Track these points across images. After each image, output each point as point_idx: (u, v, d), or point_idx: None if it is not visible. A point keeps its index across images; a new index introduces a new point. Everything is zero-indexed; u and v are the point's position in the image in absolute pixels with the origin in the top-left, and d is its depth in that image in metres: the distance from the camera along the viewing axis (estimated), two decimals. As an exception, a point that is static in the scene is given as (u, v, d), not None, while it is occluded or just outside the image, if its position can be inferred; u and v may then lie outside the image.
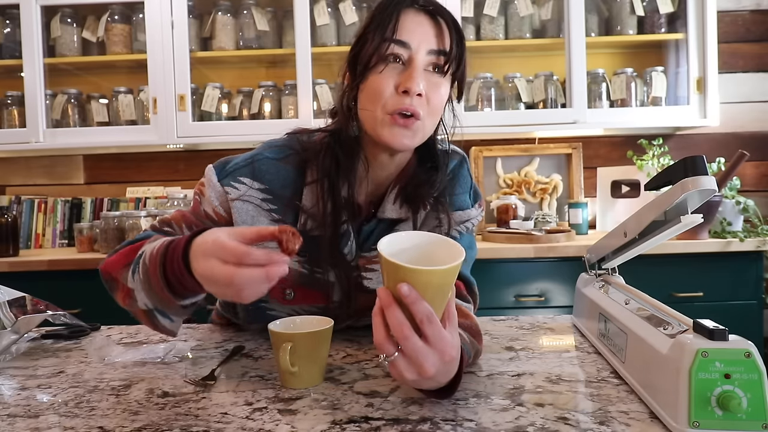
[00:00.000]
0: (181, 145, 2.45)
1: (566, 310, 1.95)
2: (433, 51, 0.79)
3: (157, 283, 0.71)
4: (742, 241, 1.91)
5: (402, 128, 0.78)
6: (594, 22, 2.31)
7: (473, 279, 0.93)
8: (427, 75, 0.79)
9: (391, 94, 0.78)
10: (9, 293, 0.96)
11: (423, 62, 0.78)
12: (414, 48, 0.78)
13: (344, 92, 0.86)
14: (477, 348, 0.76)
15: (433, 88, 0.79)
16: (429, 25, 0.79)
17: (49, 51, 2.36)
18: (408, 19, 0.79)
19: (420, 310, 0.54)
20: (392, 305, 0.55)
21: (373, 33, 0.79)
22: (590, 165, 2.50)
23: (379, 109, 0.79)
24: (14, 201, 2.50)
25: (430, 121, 0.82)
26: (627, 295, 0.81)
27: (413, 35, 0.78)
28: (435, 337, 0.55)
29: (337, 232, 0.84)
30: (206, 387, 0.73)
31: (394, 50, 0.78)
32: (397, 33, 0.78)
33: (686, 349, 0.56)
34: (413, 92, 0.77)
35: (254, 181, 0.85)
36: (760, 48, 2.48)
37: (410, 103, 0.77)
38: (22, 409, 0.68)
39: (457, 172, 0.93)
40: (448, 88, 0.83)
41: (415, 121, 0.78)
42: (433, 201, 0.88)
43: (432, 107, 0.80)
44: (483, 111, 2.31)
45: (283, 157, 0.88)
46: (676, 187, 0.65)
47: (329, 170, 0.84)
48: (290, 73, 2.31)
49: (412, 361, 0.56)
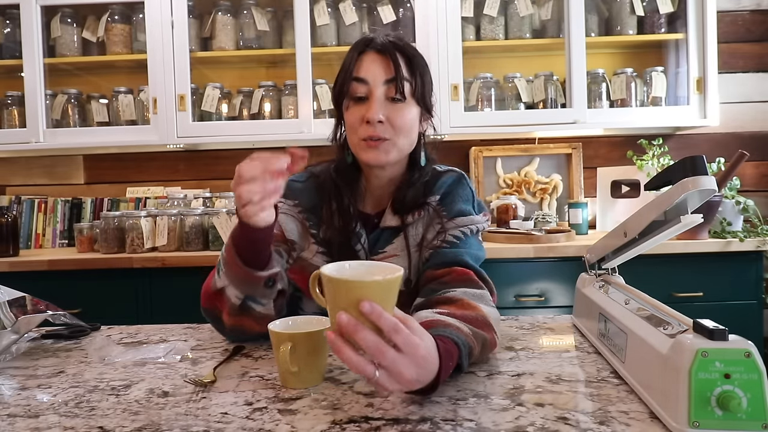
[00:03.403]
0: (181, 145, 2.45)
1: (566, 310, 1.95)
2: (387, 81, 0.94)
3: (235, 263, 0.83)
4: (742, 241, 1.91)
5: (373, 149, 0.94)
6: (594, 22, 2.31)
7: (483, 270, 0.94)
8: (387, 103, 0.94)
9: (359, 124, 0.95)
10: (9, 293, 0.96)
11: (381, 93, 0.94)
12: (371, 83, 0.94)
13: (334, 128, 1.04)
14: (483, 337, 0.76)
15: (395, 113, 0.94)
16: (382, 61, 0.94)
17: (49, 51, 2.36)
18: (365, 60, 0.95)
19: (386, 323, 0.56)
20: (360, 328, 0.56)
21: (341, 75, 0.97)
22: (590, 165, 2.50)
23: (355, 138, 0.96)
24: (14, 201, 2.50)
25: (401, 140, 0.96)
26: (627, 295, 0.81)
27: (369, 72, 0.94)
28: (406, 344, 0.57)
29: (349, 236, 1.00)
30: (206, 387, 0.73)
31: (356, 87, 0.95)
32: (356, 72, 0.95)
33: (686, 349, 0.56)
34: (374, 120, 0.92)
35: (287, 199, 1.04)
36: (760, 48, 2.48)
37: (374, 130, 0.93)
38: (22, 409, 0.68)
39: (456, 186, 1.03)
40: (414, 109, 0.97)
41: (383, 142, 0.94)
42: (432, 210, 1.00)
43: (398, 128, 0.94)
44: (483, 111, 2.31)
45: (304, 180, 1.07)
46: (676, 187, 0.65)
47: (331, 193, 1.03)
48: (290, 73, 2.31)
49: (392, 374, 0.57)
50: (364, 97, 0.94)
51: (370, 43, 0.97)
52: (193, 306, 1.88)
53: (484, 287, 0.90)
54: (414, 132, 0.98)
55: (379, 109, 0.93)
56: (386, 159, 0.95)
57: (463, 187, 1.03)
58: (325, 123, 2.25)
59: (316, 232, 1.03)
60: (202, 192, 2.44)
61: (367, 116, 0.92)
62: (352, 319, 0.56)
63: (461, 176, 1.05)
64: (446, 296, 0.85)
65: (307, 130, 2.24)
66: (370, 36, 0.98)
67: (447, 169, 1.06)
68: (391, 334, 0.56)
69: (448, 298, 0.84)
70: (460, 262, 0.92)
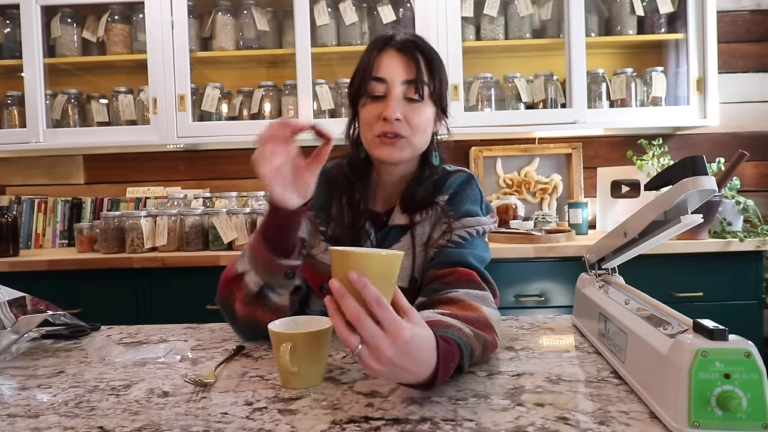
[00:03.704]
0: (181, 145, 2.45)
1: (566, 310, 1.95)
2: (407, 81, 0.94)
3: (260, 248, 0.85)
4: (742, 241, 1.91)
5: (388, 145, 0.95)
6: (594, 22, 2.31)
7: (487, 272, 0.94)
8: (405, 102, 0.95)
9: (376, 121, 0.95)
10: (9, 293, 0.96)
11: (399, 92, 0.94)
12: (390, 82, 0.94)
13: (348, 124, 1.04)
14: (485, 339, 0.76)
15: (412, 112, 0.94)
16: (402, 61, 0.95)
17: (49, 51, 2.36)
18: (384, 59, 0.95)
19: (369, 294, 0.57)
20: (345, 295, 0.58)
21: (360, 73, 0.97)
22: (590, 165, 2.50)
23: (370, 134, 0.97)
24: (14, 201, 2.50)
25: (417, 138, 0.96)
26: (627, 295, 0.81)
27: (388, 71, 0.94)
28: (386, 320, 0.58)
29: (358, 234, 1.01)
30: (206, 387, 0.73)
31: (375, 86, 0.95)
32: (375, 71, 0.95)
33: (686, 349, 0.56)
34: (391, 119, 0.93)
35: None
36: (760, 48, 2.48)
37: (391, 126, 0.93)
38: (22, 409, 0.68)
39: (465, 186, 1.03)
40: (430, 109, 0.97)
41: (399, 139, 0.94)
42: (439, 209, 1.00)
43: (414, 127, 0.95)
44: (483, 111, 2.31)
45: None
46: (676, 187, 0.65)
47: (342, 189, 1.04)
48: (290, 73, 2.31)
49: (370, 348, 0.58)
50: (382, 96, 0.95)
51: (390, 41, 0.96)
52: (193, 306, 1.90)
53: (486, 288, 0.90)
54: (429, 131, 0.99)
55: (397, 108, 0.93)
56: (400, 156, 0.96)
57: (472, 188, 1.03)
58: (325, 123, 2.24)
59: (325, 230, 1.03)
60: (202, 192, 2.44)
61: (385, 114, 0.92)
62: (342, 287, 0.58)
63: (470, 177, 1.06)
64: (448, 296, 0.85)
65: (307, 130, 2.24)
66: (390, 33, 0.98)
67: (457, 169, 1.06)
68: (373, 306, 0.57)
69: (450, 299, 0.84)
70: (463, 262, 0.92)
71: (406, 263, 0.99)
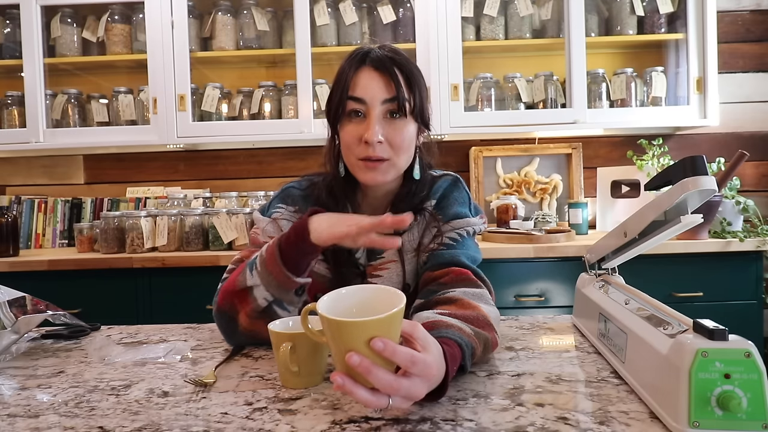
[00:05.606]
0: (181, 145, 2.45)
1: (566, 310, 1.95)
2: (386, 100, 0.91)
3: (275, 265, 0.82)
4: (742, 241, 1.91)
5: (372, 170, 0.92)
6: (594, 22, 2.31)
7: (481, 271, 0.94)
8: (386, 122, 0.91)
9: (357, 144, 0.92)
10: (9, 293, 0.96)
11: (379, 112, 0.91)
12: (369, 102, 0.91)
13: (328, 144, 1.01)
14: (485, 337, 0.76)
15: (393, 132, 0.91)
16: (380, 79, 0.91)
17: (49, 51, 2.36)
18: (362, 78, 0.92)
19: (402, 358, 0.56)
20: (373, 369, 0.55)
21: (337, 93, 0.93)
22: (590, 165, 2.50)
23: (352, 157, 0.93)
24: (14, 201, 2.50)
25: (400, 158, 0.94)
26: (627, 295, 0.81)
27: (367, 91, 0.91)
28: (421, 371, 0.57)
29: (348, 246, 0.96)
30: (206, 387, 0.73)
31: (353, 106, 0.91)
32: (352, 91, 0.91)
33: (686, 349, 0.56)
34: (372, 142, 0.89)
35: (287, 205, 1.03)
36: (760, 48, 2.48)
37: (373, 151, 0.90)
38: (22, 409, 0.68)
39: (452, 190, 1.03)
40: (411, 126, 0.94)
41: (382, 163, 0.92)
42: (428, 215, 1.00)
43: (396, 147, 0.92)
44: (483, 111, 2.31)
45: (305, 187, 1.06)
46: (676, 187, 0.65)
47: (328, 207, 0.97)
48: (290, 73, 2.31)
49: (406, 399, 0.58)
50: (360, 116, 0.92)
51: (366, 57, 0.93)
52: (193, 306, 1.90)
53: (482, 286, 0.90)
54: (412, 148, 0.96)
55: (378, 129, 0.90)
56: (384, 179, 0.94)
57: (459, 191, 1.03)
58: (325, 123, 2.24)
59: None
60: (202, 192, 2.44)
61: (366, 137, 0.89)
62: (365, 360, 0.55)
63: (456, 180, 1.05)
64: (446, 296, 0.85)
65: (307, 130, 2.24)
66: (365, 49, 0.94)
67: (442, 173, 1.06)
68: (409, 366, 0.56)
69: (447, 299, 0.84)
70: (457, 262, 0.92)
71: (396, 269, 0.99)
